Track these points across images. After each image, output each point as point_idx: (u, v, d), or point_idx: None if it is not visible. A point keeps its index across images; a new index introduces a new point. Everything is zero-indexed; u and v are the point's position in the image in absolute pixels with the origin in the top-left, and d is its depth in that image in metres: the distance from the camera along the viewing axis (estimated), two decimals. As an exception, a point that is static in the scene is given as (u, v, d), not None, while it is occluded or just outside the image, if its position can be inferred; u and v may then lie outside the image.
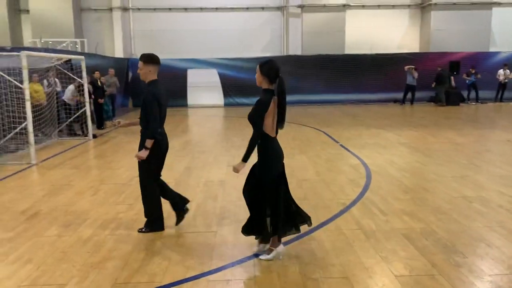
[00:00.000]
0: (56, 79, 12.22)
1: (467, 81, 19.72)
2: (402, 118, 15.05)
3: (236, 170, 4.02)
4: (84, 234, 4.87)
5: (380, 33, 21.87)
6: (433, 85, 19.31)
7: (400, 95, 19.89)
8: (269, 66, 3.90)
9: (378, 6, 21.78)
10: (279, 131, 4.07)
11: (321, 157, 8.71)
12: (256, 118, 3.91)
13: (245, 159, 3.99)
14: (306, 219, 4.24)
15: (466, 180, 6.81)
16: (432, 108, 18.18)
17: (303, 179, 7.07)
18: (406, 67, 19.27)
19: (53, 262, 4.16)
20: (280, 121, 3.97)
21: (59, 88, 12.27)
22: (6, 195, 6.47)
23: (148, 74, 4.65)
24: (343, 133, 11.80)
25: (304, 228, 4.88)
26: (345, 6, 21.23)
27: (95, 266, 4.06)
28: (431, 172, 7.37)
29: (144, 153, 4.60)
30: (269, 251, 4.13)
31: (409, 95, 19.56)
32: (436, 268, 3.88)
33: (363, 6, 21.73)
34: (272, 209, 4.04)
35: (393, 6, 21.86)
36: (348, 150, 9.34)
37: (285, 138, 11.01)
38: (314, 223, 5.02)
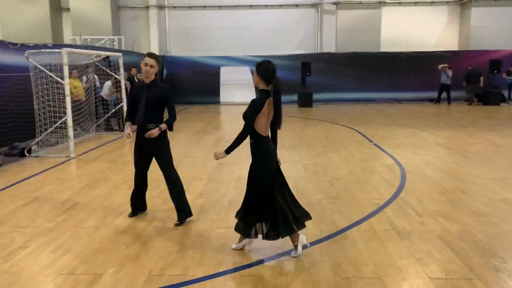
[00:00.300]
0: (95, 76, 12.57)
1: (507, 81, 18.99)
2: (438, 118, 14.66)
3: (216, 156, 4.09)
4: (120, 226, 5.01)
5: (417, 31, 21.37)
6: (463, 84, 18.78)
7: (436, 95, 19.38)
8: (265, 67, 3.96)
9: (415, 3, 21.29)
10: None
11: (354, 156, 8.61)
12: (248, 117, 3.95)
13: (228, 151, 4.05)
14: (305, 216, 4.25)
15: (507, 182, 6.57)
16: (470, 108, 17.62)
17: (335, 177, 7.01)
18: (440, 66, 18.77)
19: (91, 252, 4.30)
20: (277, 121, 4.02)
21: (98, 84, 12.63)
22: (47, 187, 6.73)
23: (154, 73, 4.92)
24: (377, 132, 11.61)
25: (337, 226, 4.87)
26: (381, 3, 20.85)
27: (131, 257, 4.17)
28: (469, 173, 7.16)
29: (157, 132, 4.84)
30: (295, 247, 4.12)
31: (444, 95, 19.04)
32: (473, 272, 3.78)
33: (400, 3, 21.29)
34: (272, 208, 4.00)
35: (431, 3, 21.31)
36: (383, 150, 9.19)
37: (317, 136, 10.95)
38: (347, 222, 5.01)
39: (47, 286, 3.63)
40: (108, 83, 12.37)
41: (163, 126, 4.90)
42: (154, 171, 7.50)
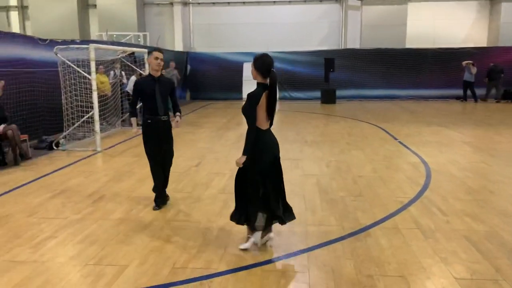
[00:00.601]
0: (123, 72, 12.76)
1: None
2: (465, 116, 14.34)
3: (238, 164, 4.07)
4: (145, 219, 5.10)
5: (444, 27, 20.92)
6: (485, 80, 18.35)
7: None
8: (261, 61, 4.00)
9: (443, -2, 20.83)
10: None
11: (378, 154, 8.52)
12: (248, 111, 3.98)
13: (245, 152, 4.02)
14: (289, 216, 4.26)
15: (536, 183, 6.40)
16: (498, 106, 17.16)
17: (359, 175, 6.95)
18: (464, 63, 18.33)
19: (116, 244, 4.40)
20: (270, 114, 4.02)
21: (125, 81, 12.82)
22: (75, 179, 6.90)
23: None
24: (402, 129, 11.44)
25: (360, 224, 4.84)
26: (407, -1, 20.50)
27: (155, 249, 4.24)
28: (496, 173, 6.99)
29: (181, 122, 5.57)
30: (246, 239, 4.22)
31: (469, 92, 18.60)
32: (500, 273, 3.70)
33: (427, -1, 20.88)
34: (251, 198, 4.10)
35: (460, -2, 20.82)
36: (407, 148, 9.06)
37: (340, 133, 10.87)
38: (370, 220, 4.97)
39: (74, 275, 3.74)
40: (133, 78, 12.55)
41: (178, 117, 5.49)
42: (177, 166, 7.61)
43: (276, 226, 4.38)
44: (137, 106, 5.77)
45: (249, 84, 21.47)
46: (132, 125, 5.58)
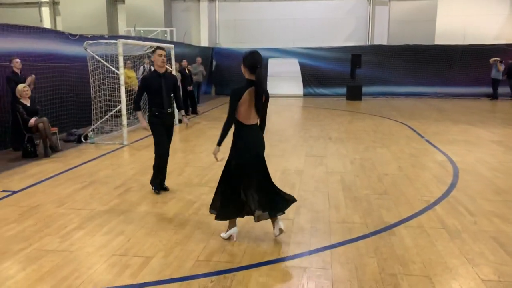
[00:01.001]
0: (152, 66, 12.91)
1: None
2: (494, 114, 13.96)
3: (213, 153, 4.24)
4: (169, 212, 5.18)
5: (475, 22, 20.34)
6: (504, 77, 17.85)
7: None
8: (249, 57, 4.05)
9: (475, -7, 20.26)
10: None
11: (404, 152, 8.39)
12: (229, 106, 4.07)
13: (218, 143, 4.18)
14: (282, 207, 4.31)
15: None
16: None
17: (384, 173, 6.87)
18: (492, 60, 17.84)
19: (142, 235, 4.48)
20: (257, 110, 4.07)
21: None
22: (103, 172, 7.06)
23: None
24: (429, 127, 11.23)
25: (384, 222, 4.79)
26: (437, -6, 20.04)
27: (179, 242, 4.31)
28: (527, 173, 6.79)
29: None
30: (226, 229, 4.35)
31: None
32: (529, 276, 3.61)
33: (458, -7, 20.35)
34: (223, 191, 4.23)
35: (493, -7, 20.21)
36: (434, 146, 8.89)
37: (365, 131, 10.75)
38: (395, 218, 4.91)
39: (101, 265, 3.84)
40: None
41: (185, 118, 6.19)
42: (200, 160, 7.69)
43: (300, 224, 4.37)
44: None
45: (274, 80, 21.61)
46: (140, 119, 5.76)
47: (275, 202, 4.28)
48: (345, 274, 3.67)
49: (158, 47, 5.66)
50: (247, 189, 4.19)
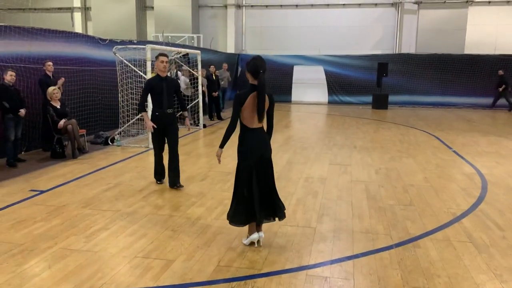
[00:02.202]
0: (179, 72, 13.08)
1: None
2: (527, 127, 13.54)
3: (216, 155, 4.36)
4: (192, 215, 5.21)
5: (507, 32, 19.85)
6: (500, 89, 17.82)
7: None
8: (252, 63, 4.11)
9: (507, 2, 19.79)
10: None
11: (431, 163, 8.22)
12: (232, 110, 4.18)
13: (221, 145, 4.28)
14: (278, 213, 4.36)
15: None
16: None
17: (410, 184, 6.75)
18: None
19: (164, 238, 4.52)
20: (258, 114, 4.11)
21: (183, 85, 13.11)
22: (128, 174, 7.17)
23: None
24: (457, 138, 10.98)
25: (409, 234, 4.70)
26: (468, 2, 19.66)
27: (201, 246, 4.32)
28: (561, 188, 6.55)
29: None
30: (247, 236, 4.37)
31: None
32: (561, 295, 3.46)
33: (489, 2, 19.92)
34: (236, 195, 4.32)
35: (526, 2, 19.70)
36: (462, 158, 8.68)
37: (391, 140, 10.59)
38: (420, 230, 4.81)
39: (124, 267, 3.88)
40: (182, 78, 12.83)
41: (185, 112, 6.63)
42: (224, 166, 7.72)
43: (322, 233, 4.32)
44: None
45: (299, 87, 21.61)
46: (145, 120, 6.16)
47: (278, 206, 4.35)
48: (368, 285, 3.60)
49: (160, 54, 6.10)
50: (254, 191, 4.21)
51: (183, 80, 12.84)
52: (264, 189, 4.26)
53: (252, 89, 4.12)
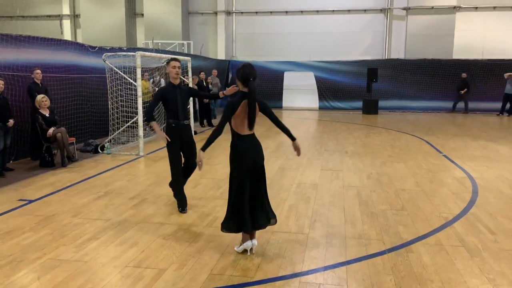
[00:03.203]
0: (162, 79, 13.05)
1: None
2: (516, 130, 13.68)
3: (198, 158, 4.18)
4: (184, 224, 5.16)
5: (494, 37, 20.14)
6: (462, 92, 18.45)
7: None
8: (241, 70, 4.09)
9: (494, 8, 20.08)
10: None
11: (422, 167, 8.26)
12: (222, 117, 4.12)
13: (203, 148, 4.12)
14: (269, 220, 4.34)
15: None
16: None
17: (401, 188, 6.76)
18: (506, 75, 17.50)
19: (156, 247, 4.47)
20: (249, 121, 4.09)
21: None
22: (118, 182, 7.10)
23: None
24: (447, 143, 11.06)
25: (401, 239, 4.69)
26: (455, 8, 19.92)
27: (193, 255, 4.28)
28: (550, 191, 6.61)
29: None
30: (239, 243, 4.33)
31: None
32: (554, 298, 3.47)
33: (476, 8, 20.19)
34: (229, 203, 4.27)
35: (512, 7, 20.00)
36: (453, 162, 8.74)
37: (382, 145, 10.64)
38: (412, 235, 4.81)
39: (115, 277, 3.82)
40: (162, 81, 12.77)
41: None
42: (216, 172, 7.68)
43: (315, 239, 4.30)
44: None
45: (289, 93, 21.65)
46: (155, 130, 5.51)
47: (268, 215, 4.33)
48: (361, 292, 3.58)
49: (172, 58, 5.56)
50: (245, 199, 4.18)
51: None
52: (255, 197, 4.23)
53: (243, 97, 4.11)
